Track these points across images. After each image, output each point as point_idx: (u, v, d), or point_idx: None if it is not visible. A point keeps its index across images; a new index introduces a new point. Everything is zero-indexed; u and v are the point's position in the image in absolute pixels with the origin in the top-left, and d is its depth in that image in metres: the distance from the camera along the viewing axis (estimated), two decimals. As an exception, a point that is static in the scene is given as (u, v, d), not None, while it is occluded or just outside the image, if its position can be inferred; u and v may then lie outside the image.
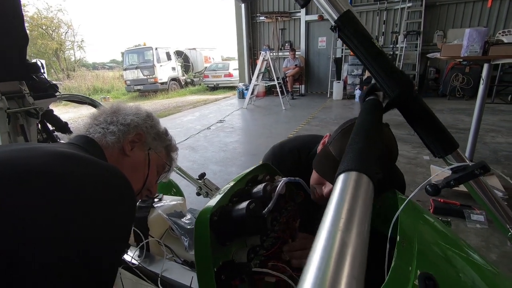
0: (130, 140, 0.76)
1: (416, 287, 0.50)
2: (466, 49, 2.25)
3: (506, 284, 0.62)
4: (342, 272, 0.19)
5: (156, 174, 0.84)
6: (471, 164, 0.53)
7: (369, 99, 0.56)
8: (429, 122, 0.54)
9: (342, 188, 0.27)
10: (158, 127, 0.85)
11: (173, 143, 0.91)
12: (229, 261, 0.68)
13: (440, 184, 0.56)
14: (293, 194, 0.95)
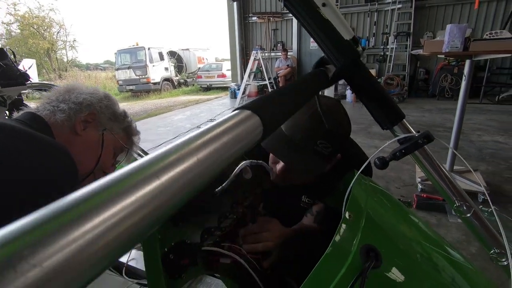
0: (82, 119, 0.74)
1: (357, 258, 0.49)
2: (448, 45, 2.26)
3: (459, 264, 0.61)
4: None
5: (113, 156, 0.82)
6: (417, 134, 0.52)
7: (315, 70, 0.55)
8: (375, 93, 0.53)
9: (226, 119, 0.25)
10: (115, 108, 0.82)
11: (133, 126, 0.88)
12: (180, 241, 0.66)
13: (387, 157, 0.55)
14: (261, 181, 0.93)
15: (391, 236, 0.56)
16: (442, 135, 4.61)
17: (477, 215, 0.52)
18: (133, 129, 0.88)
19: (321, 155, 0.77)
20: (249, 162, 0.77)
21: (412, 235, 0.61)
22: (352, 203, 0.58)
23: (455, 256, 0.61)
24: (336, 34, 0.52)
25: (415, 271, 0.53)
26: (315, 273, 0.49)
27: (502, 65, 7.55)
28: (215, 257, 0.70)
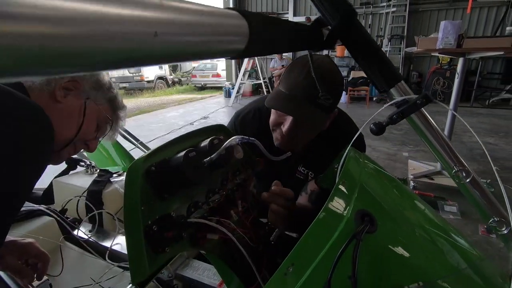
0: (63, 85, 0.69)
1: (351, 222, 0.46)
2: (441, 41, 2.27)
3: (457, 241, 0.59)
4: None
5: (96, 128, 0.78)
6: (415, 96, 0.50)
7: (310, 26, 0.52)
8: (372, 53, 0.51)
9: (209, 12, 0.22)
10: (100, 76, 0.78)
11: (119, 99, 0.84)
12: (165, 214, 0.62)
13: (384, 121, 0.52)
14: (253, 162, 0.91)
15: (386, 204, 0.54)
16: (434, 136, 4.65)
17: (475, 181, 0.50)
18: (118, 102, 0.84)
19: (323, 107, 0.83)
20: (241, 138, 0.74)
21: (408, 207, 0.58)
22: (346, 172, 0.56)
23: (454, 234, 0.59)
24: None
25: (411, 240, 0.50)
26: (305, 238, 0.46)
27: (493, 70, 7.69)
28: (202, 233, 0.67)
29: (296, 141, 0.92)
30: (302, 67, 0.82)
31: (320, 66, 0.81)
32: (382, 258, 0.45)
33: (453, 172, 0.50)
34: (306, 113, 0.84)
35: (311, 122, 0.87)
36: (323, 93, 0.80)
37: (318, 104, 0.82)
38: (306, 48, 0.51)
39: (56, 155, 0.70)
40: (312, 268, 0.43)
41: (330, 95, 0.82)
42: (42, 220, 1.00)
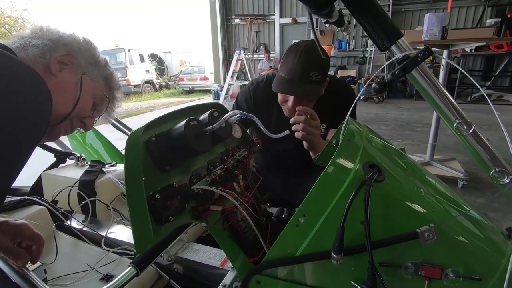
0: (58, 59, 0.67)
1: (360, 172, 0.46)
2: (426, 33, 2.34)
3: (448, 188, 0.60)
4: None
5: (92, 107, 0.75)
6: (416, 51, 0.50)
7: None
8: (372, 10, 0.51)
9: None
10: (96, 53, 0.76)
11: (115, 77, 0.82)
12: (167, 185, 0.61)
13: (385, 79, 0.53)
14: (251, 142, 0.90)
15: (389, 159, 0.54)
16: (420, 130, 4.77)
17: (476, 134, 0.51)
18: (115, 80, 0.81)
19: (316, 82, 1.01)
20: (240, 112, 0.73)
21: (408, 163, 0.59)
22: (349, 132, 0.56)
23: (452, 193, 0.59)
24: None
25: (416, 189, 0.51)
26: (314, 190, 0.45)
27: (473, 67, 7.97)
28: (205, 205, 0.65)
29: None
30: (294, 53, 1.00)
31: (308, 51, 0.99)
32: (392, 206, 0.45)
33: (455, 126, 0.50)
34: (303, 90, 1.02)
35: (308, 96, 1.04)
36: (313, 72, 0.98)
37: (311, 81, 1.00)
38: (309, 6, 0.51)
39: (51, 129, 0.68)
40: (324, 217, 0.43)
41: (319, 71, 1.00)
42: (33, 209, 0.96)
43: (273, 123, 1.22)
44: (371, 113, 6.29)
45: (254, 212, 0.73)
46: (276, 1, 9.35)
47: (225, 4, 9.95)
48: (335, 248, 0.40)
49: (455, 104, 0.51)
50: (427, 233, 0.41)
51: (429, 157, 3.03)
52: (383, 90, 0.53)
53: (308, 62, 0.98)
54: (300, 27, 9.37)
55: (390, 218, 0.44)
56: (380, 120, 5.65)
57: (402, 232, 0.42)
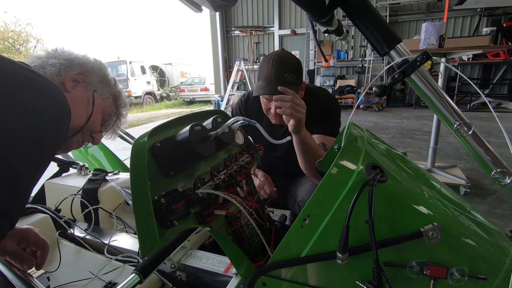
0: (72, 77, 0.72)
1: (363, 173, 0.47)
2: (424, 42, 2.38)
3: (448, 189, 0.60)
4: None
5: (101, 122, 0.79)
6: (415, 55, 0.52)
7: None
8: (371, 17, 0.53)
9: None
10: (106, 72, 0.82)
11: (122, 95, 0.87)
12: (172, 190, 0.61)
13: (386, 83, 0.54)
14: (253, 148, 0.91)
15: (391, 161, 0.55)
16: (421, 138, 4.78)
17: (476, 135, 0.52)
18: (122, 98, 0.86)
19: (291, 83, 1.07)
20: (243, 118, 0.74)
21: (409, 165, 0.60)
22: (352, 135, 0.57)
23: (452, 193, 0.60)
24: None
25: (418, 190, 0.51)
26: (318, 191, 0.46)
27: (471, 75, 8.05)
28: (209, 209, 0.66)
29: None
30: (268, 61, 1.10)
31: (279, 57, 1.09)
32: (395, 206, 0.46)
33: (455, 127, 0.51)
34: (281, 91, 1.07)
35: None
36: (287, 73, 1.07)
37: (286, 82, 1.06)
38: (310, 13, 0.53)
39: (66, 141, 0.70)
40: (328, 217, 0.44)
41: (293, 73, 1.08)
42: (36, 217, 0.96)
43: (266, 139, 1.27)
44: (371, 122, 6.31)
45: (258, 216, 0.73)
46: (275, 13, 9.53)
47: (225, 17, 10.14)
48: (340, 248, 0.41)
49: (455, 106, 0.52)
50: (431, 232, 0.41)
51: (431, 164, 3.03)
52: (384, 94, 0.54)
53: (281, 65, 1.07)
54: (299, 38, 9.52)
55: (394, 218, 0.45)
56: (381, 128, 5.67)
57: (406, 232, 0.43)
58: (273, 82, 1.07)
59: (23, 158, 0.42)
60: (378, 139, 0.69)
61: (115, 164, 1.87)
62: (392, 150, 0.67)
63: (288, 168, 1.34)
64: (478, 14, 7.53)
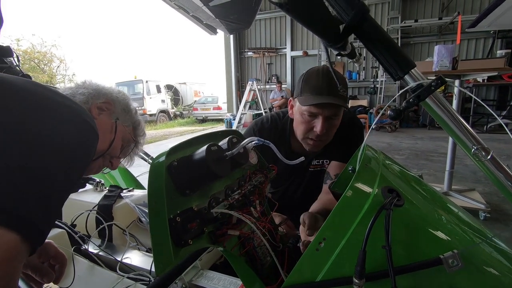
0: (98, 105, 0.79)
1: (379, 196, 0.47)
2: (437, 64, 2.38)
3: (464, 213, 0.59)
4: None
5: (121, 148, 0.84)
6: (429, 80, 0.53)
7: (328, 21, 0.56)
8: (385, 43, 0.55)
9: None
10: (129, 102, 0.88)
11: (142, 125, 0.94)
12: (187, 208, 0.62)
13: (401, 107, 0.55)
14: (267, 168, 0.92)
15: (407, 184, 0.54)
16: (436, 160, 4.67)
17: (495, 160, 0.51)
18: (141, 127, 0.93)
19: (343, 98, 1.02)
20: (257, 139, 0.76)
21: (426, 188, 0.59)
22: (367, 157, 0.57)
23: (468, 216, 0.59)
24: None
25: (435, 215, 0.50)
26: (334, 214, 0.46)
27: (487, 96, 7.91)
28: (223, 229, 0.66)
29: (326, 137, 1.09)
30: (316, 74, 1.03)
31: (327, 70, 1.03)
32: (413, 231, 0.45)
33: (472, 152, 0.51)
34: (337, 101, 1.00)
35: (339, 113, 1.05)
36: (340, 86, 0.99)
37: (339, 95, 1.01)
38: (325, 39, 0.55)
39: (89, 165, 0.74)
40: (344, 241, 0.43)
41: (345, 88, 1.02)
42: (53, 231, 0.98)
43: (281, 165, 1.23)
44: (384, 143, 6.23)
45: (271, 237, 0.73)
46: (287, 35, 9.78)
47: (239, 38, 10.47)
48: (357, 273, 0.40)
49: (471, 130, 0.52)
50: (451, 259, 0.40)
51: (447, 187, 2.94)
52: (399, 117, 0.55)
53: (332, 77, 0.98)
54: (311, 59, 9.69)
55: (412, 243, 0.44)
56: (394, 149, 5.59)
57: (425, 258, 0.42)
58: (325, 94, 1.00)
59: (58, 175, 0.44)
60: (393, 161, 0.69)
61: (128, 181, 1.90)
62: (408, 172, 0.67)
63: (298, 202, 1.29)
64: (492, 36, 7.50)
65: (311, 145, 1.09)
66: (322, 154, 1.22)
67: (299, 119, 1.09)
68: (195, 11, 3.18)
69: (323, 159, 1.23)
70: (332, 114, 1.03)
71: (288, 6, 0.30)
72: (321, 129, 1.03)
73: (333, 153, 1.16)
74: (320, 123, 1.02)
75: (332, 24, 0.53)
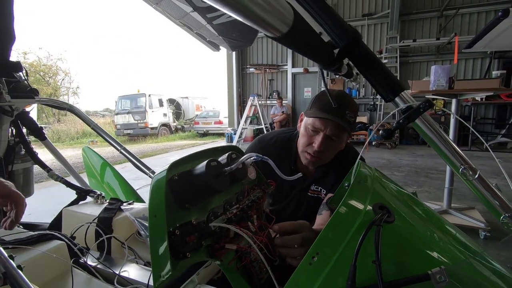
0: None
1: (370, 213, 0.49)
2: (434, 84, 2.44)
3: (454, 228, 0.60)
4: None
5: None
6: (418, 102, 0.56)
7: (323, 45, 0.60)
8: (377, 67, 0.58)
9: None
10: None
11: None
12: (186, 222, 0.64)
13: (392, 127, 0.58)
14: (265, 184, 0.94)
15: (400, 201, 0.56)
16: (436, 177, 4.67)
17: (482, 179, 0.53)
18: None
19: (349, 123, 1.03)
20: (256, 155, 0.78)
21: (418, 205, 0.61)
22: (360, 174, 0.59)
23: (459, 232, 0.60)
24: (337, 16, 0.58)
25: (426, 231, 0.52)
26: (327, 230, 0.48)
27: (486, 115, 7.98)
28: (221, 243, 0.68)
29: (324, 156, 1.11)
30: (328, 95, 1.03)
31: (340, 95, 1.06)
32: (403, 247, 0.47)
33: (460, 171, 0.53)
34: (342, 122, 1.03)
35: (340, 135, 1.06)
36: (348, 111, 1.03)
37: (345, 119, 1.03)
38: (320, 64, 0.59)
39: None
40: (337, 256, 0.45)
41: (353, 114, 1.05)
42: (53, 243, 0.99)
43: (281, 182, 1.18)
44: (384, 159, 6.25)
45: (268, 252, 0.74)
46: (288, 52, 9.99)
47: (241, 55, 10.70)
48: (348, 287, 0.42)
49: (459, 150, 0.55)
50: (439, 275, 0.42)
51: (447, 205, 2.94)
52: (390, 137, 0.58)
53: (346, 102, 1.03)
54: (311, 76, 9.86)
55: (402, 259, 0.46)
56: (394, 166, 5.59)
57: (414, 274, 0.43)
58: (332, 113, 1.02)
59: None
60: (387, 178, 0.71)
61: (128, 194, 1.92)
62: (402, 190, 0.69)
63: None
64: (489, 57, 7.66)
65: (307, 160, 1.12)
66: (321, 181, 1.21)
67: (303, 132, 1.13)
68: (199, 29, 3.29)
69: (321, 187, 1.22)
70: (333, 134, 1.05)
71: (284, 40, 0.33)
72: (319, 145, 1.05)
73: (333, 186, 1.16)
74: (320, 139, 1.05)
75: (326, 49, 0.57)
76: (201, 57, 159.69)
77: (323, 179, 1.20)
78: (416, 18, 8.49)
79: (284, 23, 0.30)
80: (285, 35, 0.30)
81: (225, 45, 3.71)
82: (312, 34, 0.46)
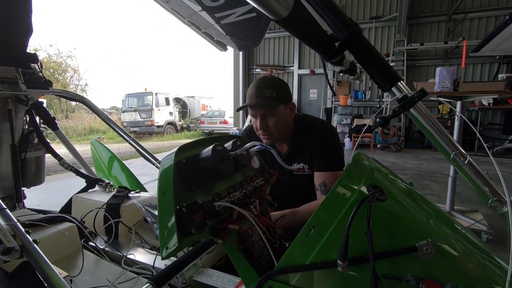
0: None
1: (364, 192, 0.52)
2: (438, 85, 2.45)
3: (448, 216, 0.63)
4: None
5: None
6: (413, 92, 0.59)
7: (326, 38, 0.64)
8: (375, 58, 0.62)
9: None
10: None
11: None
12: (193, 202, 0.68)
13: (388, 115, 0.61)
14: (267, 173, 0.98)
15: (393, 183, 0.60)
16: (440, 181, 4.65)
17: (472, 165, 0.56)
18: None
19: (271, 98, 1.19)
20: (259, 144, 0.82)
21: (411, 189, 0.64)
22: (356, 159, 0.63)
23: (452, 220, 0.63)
24: (338, 10, 0.62)
25: (416, 210, 0.55)
26: (323, 206, 0.52)
27: (493, 120, 7.91)
28: (224, 224, 0.71)
29: (272, 132, 1.26)
30: (252, 85, 1.24)
31: (262, 79, 1.23)
32: (393, 223, 0.50)
33: (451, 157, 0.57)
34: (260, 102, 1.20)
35: (268, 109, 1.21)
36: (266, 89, 1.18)
37: (265, 97, 1.18)
38: (320, 53, 0.62)
39: None
40: (332, 229, 0.49)
41: (272, 89, 1.19)
42: (65, 225, 1.04)
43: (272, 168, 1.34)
44: (388, 162, 6.23)
45: (269, 234, 0.78)
46: (295, 54, 10.02)
47: (247, 55, 10.76)
48: (340, 255, 0.45)
49: (451, 137, 0.58)
50: (425, 247, 0.45)
51: (449, 206, 2.93)
52: (386, 124, 0.61)
53: (261, 84, 1.20)
54: (317, 77, 9.87)
55: (392, 234, 0.49)
56: (398, 168, 5.58)
57: (403, 246, 0.47)
58: (253, 98, 1.19)
59: None
60: (383, 166, 0.75)
61: (135, 186, 1.96)
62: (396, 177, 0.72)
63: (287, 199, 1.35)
64: (497, 61, 7.59)
65: (264, 140, 1.28)
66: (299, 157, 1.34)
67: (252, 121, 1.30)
68: (207, 28, 3.34)
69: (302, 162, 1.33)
70: (264, 113, 1.22)
71: (284, 23, 0.37)
72: (259, 126, 1.24)
73: (310, 161, 1.29)
74: (258, 122, 1.24)
75: (327, 39, 0.61)
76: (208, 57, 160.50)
77: (299, 154, 1.34)
78: (424, 22, 8.46)
79: (285, 7, 0.33)
80: (286, 18, 0.34)
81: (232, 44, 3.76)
82: (312, 22, 0.50)
